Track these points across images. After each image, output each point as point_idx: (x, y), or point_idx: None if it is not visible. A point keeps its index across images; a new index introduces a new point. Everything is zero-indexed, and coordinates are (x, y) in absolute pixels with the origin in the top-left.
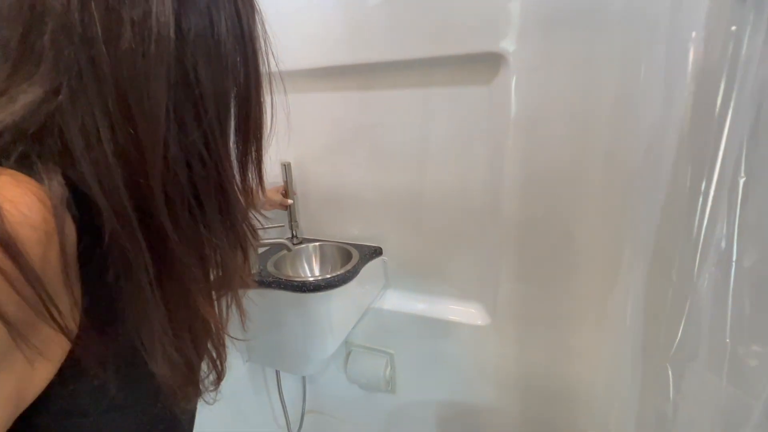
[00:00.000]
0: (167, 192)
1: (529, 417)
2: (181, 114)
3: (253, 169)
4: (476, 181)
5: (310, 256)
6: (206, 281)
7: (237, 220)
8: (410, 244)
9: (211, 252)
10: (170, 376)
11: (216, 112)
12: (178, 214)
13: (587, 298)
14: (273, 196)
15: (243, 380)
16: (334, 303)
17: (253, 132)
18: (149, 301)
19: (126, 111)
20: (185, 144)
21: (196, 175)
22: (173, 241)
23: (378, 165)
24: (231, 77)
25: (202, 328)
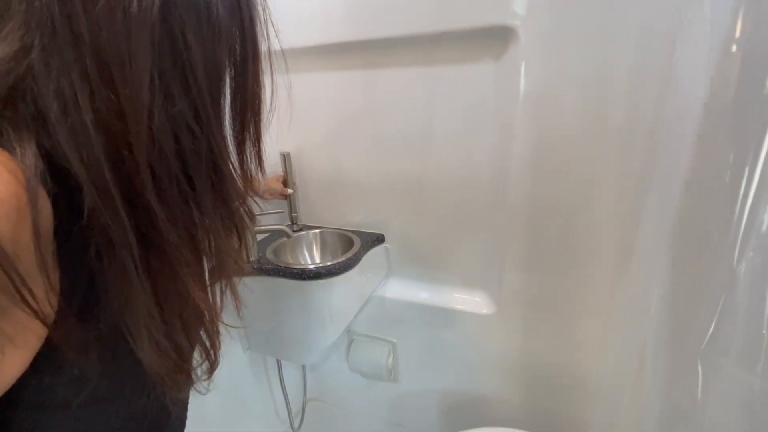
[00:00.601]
0: (153, 166)
1: (533, 406)
2: (167, 81)
3: (252, 149)
4: (482, 164)
5: (310, 243)
6: (198, 265)
7: (232, 202)
8: (413, 231)
9: (203, 234)
10: (158, 364)
11: (207, 82)
12: (166, 191)
13: (596, 287)
14: (273, 184)
15: (243, 369)
16: (335, 291)
17: (250, 108)
18: (134, 284)
19: (106, 75)
20: (172, 114)
21: (185, 149)
22: (160, 220)
23: (380, 149)
24: (225, 45)
25: (194, 314)
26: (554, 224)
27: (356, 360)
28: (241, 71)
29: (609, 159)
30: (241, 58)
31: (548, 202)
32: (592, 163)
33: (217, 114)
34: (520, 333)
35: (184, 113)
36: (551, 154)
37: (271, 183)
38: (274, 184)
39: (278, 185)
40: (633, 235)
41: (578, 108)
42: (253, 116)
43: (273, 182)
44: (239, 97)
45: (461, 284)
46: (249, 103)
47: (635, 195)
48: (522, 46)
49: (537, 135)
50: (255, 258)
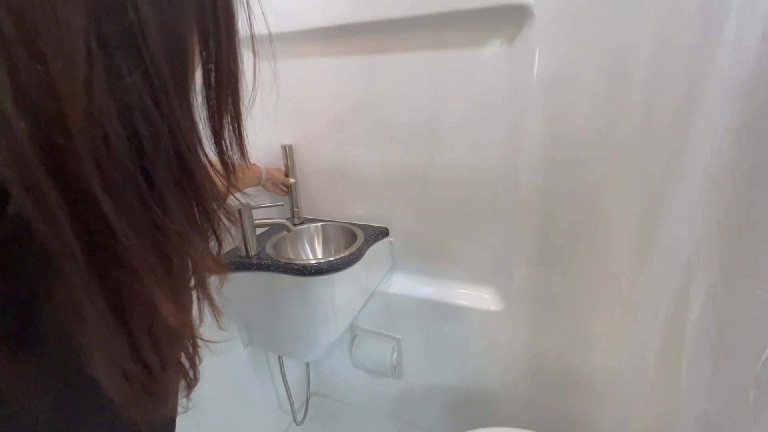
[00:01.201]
0: (98, 157)
1: (541, 404)
2: (110, 48)
3: (232, 136)
4: (492, 154)
5: (312, 237)
6: (167, 273)
7: (204, 199)
8: (419, 224)
9: (170, 237)
10: (122, 389)
11: (164, 51)
12: (118, 188)
13: (610, 285)
14: (275, 173)
15: (245, 364)
16: (338, 287)
17: (227, 86)
18: (83, 300)
19: (29, 42)
20: (119, 91)
21: (140, 135)
22: (114, 223)
23: (384, 139)
24: (190, 5)
25: (164, 328)
26: (567, 218)
27: (360, 356)
28: (213, 39)
29: (628, 149)
30: (213, 23)
31: (562, 194)
32: (610, 154)
33: (181, 92)
34: (528, 330)
35: (135, 90)
36: (566, 144)
37: (274, 172)
38: (276, 173)
39: (280, 174)
40: (652, 231)
41: (596, 95)
42: (231, 95)
43: (275, 171)
44: (213, 71)
45: (468, 279)
46: (225, 79)
47: (655, 188)
48: (537, 26)
49: (551, 124)
50: (255, 253)
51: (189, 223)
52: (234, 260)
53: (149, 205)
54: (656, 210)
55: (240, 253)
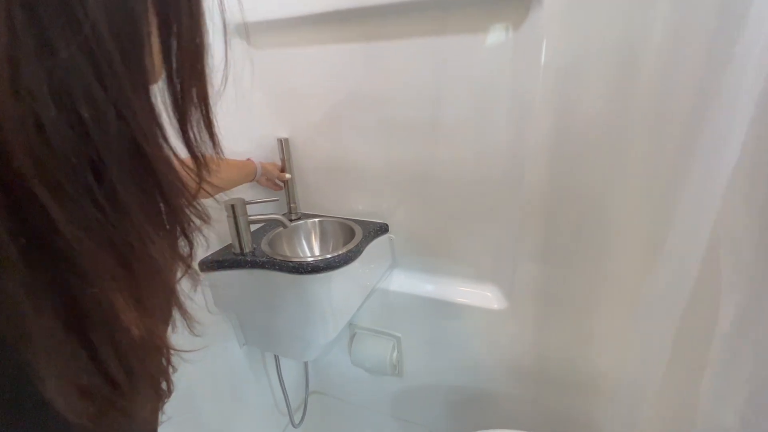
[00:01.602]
0: (30, 144)
1: (543, 405)
2: (38, 16)
3: (201, 123)
4: (496, 147)
5: (309, 234)
6: (127, 277)
7: (168, 196)
8: (420, 219)
9: (128, 237)
10: (81, 407)
11: (107, 20)
12: (59, 179)
13: (618, 283)
14: (270, 168)
15: (240, 365)
16: (336, 285)
17: (191, 65)
18: (23, 310)
19: None
20: (52, 67)
21: (84, 121)
22: (58, 222)
23: (384, 132)
24: None
25: (129, 337)
26: (573, 215)
27: (359, 354)
28: (173, 9)
29: (638, 145)
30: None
31: (569, 189)
32: (619, 150)
33: (133, 69)
34: (531, 330)
35: (75, 67)
36: (574, 136)
37: (268, 167)
38: (271, 168)
39: (276, 169)
40: (661, 231)
41: (605, 86)
42: (197, 76)
43: (270, 166)
44: (174, 47)
45: (470, 277)
46: (189, 56)
47: (665, 185)
48: (545, 11)
49: (558, 117)
50: (249, 249)
51: (151, 222)
52: (228, 257)
53: (99, 202)
54: (666, 209)
55: (234, 250)
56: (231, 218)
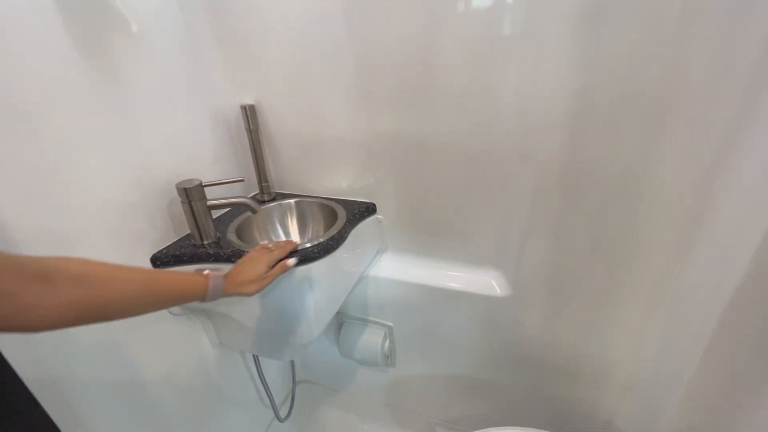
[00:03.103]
0: None
1: (547, 395)
2: None
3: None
4: (505, 112)
5: (284, 218)
6: None
7: None
8: (411, 198)
9: None
10: None
11: None
12: None
13: (643, 271)
14: (242, 275)
15: (215, 364)
16: (317, 279)
17: None
18: None
19: None
20: None
21: None
22: None
23: (369, 96)
24: None
25: None
26: (598, 192)
27: (348, 345)
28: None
29: (686, 109)
30: None
31: (593, 163)
32: (662, 115)
33: None
34: (538, 319)
35: None
36: (602, 97)
37: (239, 276)
38: (245, 272)
39: (258, 268)
40: (701, 215)
41: (650, 31)
42: None
43: (272, 253)
44: None
45: (470, 262)
46: None
47: (715, 161)
48: None
49: (584, 70)
50: (212, 240)
51: None
52: (186, 250)
53: None
54: (708, 192)
55: (193, 241)
56: (186, 204)
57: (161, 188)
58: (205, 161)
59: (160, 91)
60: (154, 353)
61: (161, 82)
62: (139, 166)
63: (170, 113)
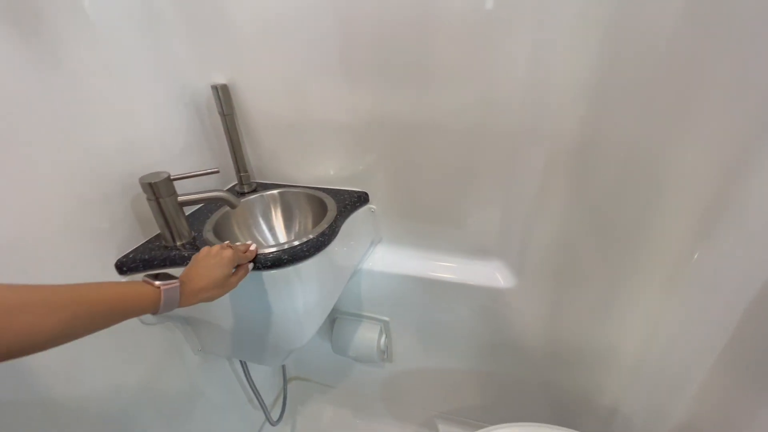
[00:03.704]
0: None
1: (553, 385)
2: None
3: None
4: (511, 83)
5: (267, 211)
6: None
7: None
8: (406, 184)
9: None
10: None
11: None
12: None
13: (661, 257)
14: (203, 279)
15: (199, 367)
16: (307, 279)
17: None
18: None
19: None
20: None
21: None
22: None
23: (357, 72)
24: None
25: None
26: (616, 171)
27: (341, 342)
28: None
29: (726, 73)
30: None
31: (613, 140)
32: (697, 82)
33: None
34: (544, 309)
35: None
36: (630, 66)
37: (203, 277)
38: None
39: (223, 269)
40: (732, 193)
41: None
42: None
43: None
44: None
45: (470, 251)
46: None
47: (751, 138)
48: None
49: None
50: (186, 240)
51: None
52: (157, 253)
53: None
54: (741, 169)
55: (165, 242)
56: (153, 201)
57: (122, 183)
58: (173, 151)
59: (113, 71)
60: (125, 363)
61: (113, 60)
62: (94, 159)
63: (127, 97)
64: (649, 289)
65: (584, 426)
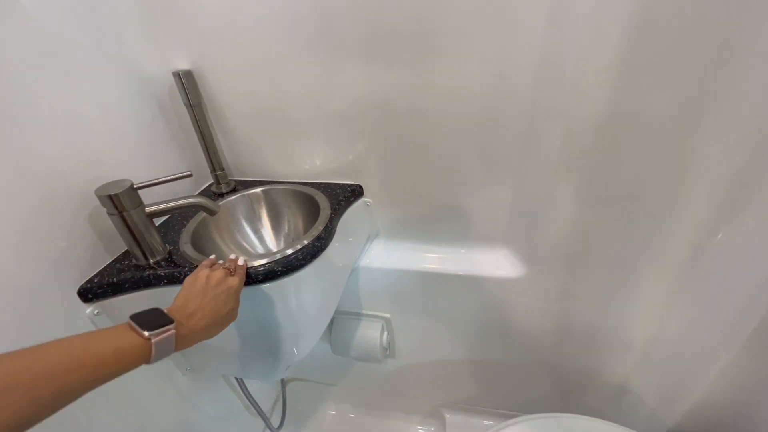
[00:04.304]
0: None
1: (558, 367)
2: None
3: None
4: (528, 54)
5: (251, 213)
6: None
7: None
8: (403, 173)
9: None
10: None
11: None
12: None
13: (685, 237)
14: (209, 315)
15: (191, 384)
16: (305, 287)
17: None
18: None
19: None
20: None
21: None
22: None
23: (339, 45)
24: None
25: None
26: (645, 148)
27: (341, 343)
28: None
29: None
30: None
31: (642, 113)
32: (739, 44)
33: None
34: (555, 296)
35: None
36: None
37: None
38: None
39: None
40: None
41: None
42: None
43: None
44: None
45: (475, 240)
46: None
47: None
48: None
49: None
50: (161, 257)
51: None
52: (127, 275)
53: None
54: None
55: (136, 260)
56: (116, 216)
57: (76, 197)
58: (133, 153)
59: (47, 61)
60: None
61: (45, 45)
62: (36, 170)
63: (69, 92)
64: (667, 270)
65: (591, 405)
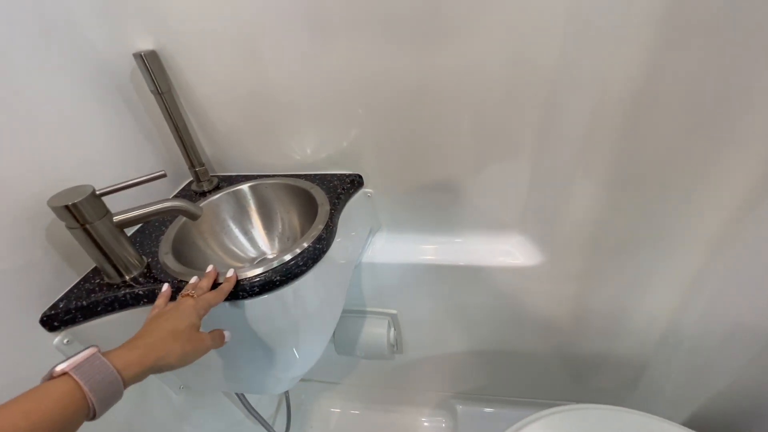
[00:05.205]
0: None
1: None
2: None
3: None
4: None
5: (239, 213)
6: None
7: None
8: (408, 160)
9: None
10: None
11: None
12: None
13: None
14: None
15: (186, 400)
16: (306, 294)
17: None
18: None
19: None
20: None
21: None
22: None
23: (339, 24)
24: None
25: None
26: (681, 120)
27: (346, 343)
28: None
29: None
30: None
31: (676, 87)
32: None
33: None
34: (575, 284)
35: None
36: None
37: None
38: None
39: (217, 296)
40: None
41: None
42: None
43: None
44: None
45: (486, 228)
46: None
47: None
48: None
49: None
50: (138, 272)
51: None
52: (99, 295)
53: None
54: None
55: (108, 278)
56: (77, 230)
57: (27, 207)
58: (93, 154)
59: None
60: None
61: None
62: None
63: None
64: (695, 249)
65: (607, 388)
